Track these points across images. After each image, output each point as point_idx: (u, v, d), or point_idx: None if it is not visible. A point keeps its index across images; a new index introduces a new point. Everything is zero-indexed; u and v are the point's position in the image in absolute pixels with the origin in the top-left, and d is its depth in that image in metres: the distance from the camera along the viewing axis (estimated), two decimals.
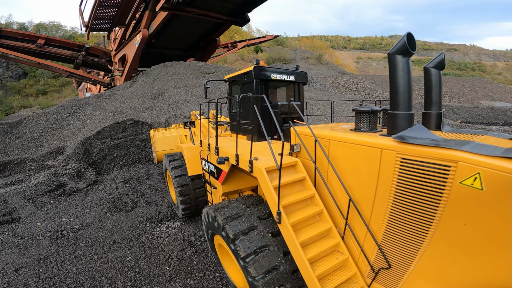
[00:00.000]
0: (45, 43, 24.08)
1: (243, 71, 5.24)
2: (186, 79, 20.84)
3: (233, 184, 4.95)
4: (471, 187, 2.16)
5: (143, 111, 15.75)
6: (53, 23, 68.29)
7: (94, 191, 9.31)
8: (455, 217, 2.31)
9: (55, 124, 14.41)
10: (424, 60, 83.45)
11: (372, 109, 3.28)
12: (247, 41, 39.99)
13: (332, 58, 70.66)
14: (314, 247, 3.21)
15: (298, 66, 5.71)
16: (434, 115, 3.07)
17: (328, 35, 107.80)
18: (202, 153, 5.71)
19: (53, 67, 25.95)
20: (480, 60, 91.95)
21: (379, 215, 2.91)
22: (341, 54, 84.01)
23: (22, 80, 51.53)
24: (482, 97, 21.23)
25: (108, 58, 27.57)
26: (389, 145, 2.73)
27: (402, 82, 2.76)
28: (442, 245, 2.45)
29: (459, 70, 77.63)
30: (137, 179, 10.31)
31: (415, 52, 2.68)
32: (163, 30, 22.56)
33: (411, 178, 2.56)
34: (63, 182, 9.62)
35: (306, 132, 3.70)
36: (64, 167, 10.72)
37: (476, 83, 24.75)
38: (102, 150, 12.09)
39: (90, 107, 16.69)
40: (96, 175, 10.80)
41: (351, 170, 3.17)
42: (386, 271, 2.96)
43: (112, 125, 13.11)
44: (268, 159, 3.70)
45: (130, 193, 8.99)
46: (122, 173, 10.98)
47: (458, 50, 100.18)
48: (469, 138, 2.59)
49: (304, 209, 3.46)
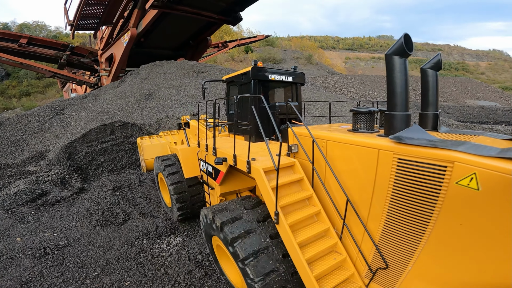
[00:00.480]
0: (28, 43, 23.23)
1: (241, 72, 5.25)
2: (177, 79, 20.15)
3: (231, 184, 4.93)
4: (468, 187, 2.20)
5: (132, 112, 15.01)
6: (37, 23, 66.55)
7: (80, 201, 8.42)
8: (452, 217, 2.35)
9: (37, 126, 13.52)
10: (409, 60, 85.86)
11: (370, 110, 3.31)
12: (238, 41, 39.59)
13: (321, 58, 71.34)
14: (312, 247, 3.22)
15: (296, 66, 5.74)
16: (431, 115, 3.11)
17: (317, 36, 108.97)
18: (200, 154, 5.70)
19: (36, 67, 25.09)
20: (463, 60, 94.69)
21: (377, 215, 2.94)
22: (330, 54, 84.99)
23: (5, 81, 49.95)
24: (467, 96, 21.81)
25: (94, 57, 26.79)
26: (386, 146, 2.76)
27: (399, 83, 2.79)
28: (439, 245, 2.48)
29: (443, 70, 79.97)
30: (128, 186, 9.50)
31: (412, 53, 2.71)
32: (152, 28, 22.09)
33: (408, 178, 2.59)
34: (46, 190, 8.71)
35: (303, 133, 3.71)
36: (46, 173, 9.80)
37: (461, 82, 25.42)
38: (88, 154, 11.29)
39: (75, 108, 15.85)
40: (82, 182, 9.91)
41: (348, 170, 3.20)
42: (383, 271, 2.99)
43: (99, 127, 12.43)
44: (266, 160, 3.71)
45: (121, 203, 8.10)
46: (111, 180, 10.08)
47: (442, 50, 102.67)
48: (465, 138, 2.64)
49: (302, 210, 3.47)
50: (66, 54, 24.79)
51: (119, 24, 23.39)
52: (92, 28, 25.49)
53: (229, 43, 37.64)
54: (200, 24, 24.71)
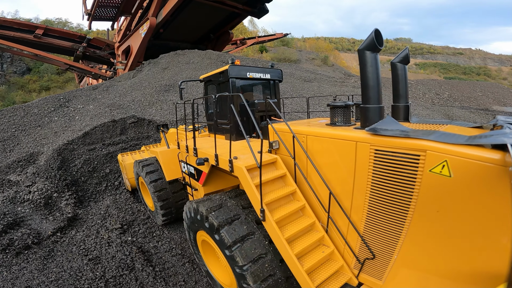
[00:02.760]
0: (44, 34, 22.53)
1: (218, 71, 5.21)
2: (203, 69, 17.63)
3: (215, 184, 4.92)
4: (440, 174, 2.25)
5: (149, 106, 12.41)
6: (60, 19, 66.21)
7: (66, 246, 5.37)
8: (429, 205, 2.39)
9: (33, 121, 11.14)
10: (429, 63, 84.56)
11: (346, 104, 3.34)
12: (256, 38, 38.28)
13: (337, 60, 70.13)
14: (300, 242, 3.25)
15: (273, 63, 5.73)
16: (402, 107, 3.20)
17: (332, 37, 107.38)
18: (180, 155, 5.62)
19: (51, 59, 24.38)
20: (485, 65, 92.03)
21: (359, 207, 2.98)
22: (345, 56, 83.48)
23: (26, 75, 50.06)
24: (493, 102, 20.94)
25: (111, 50, 25.86)
26: (363, 138, 2.80)
27: (371, 77, 2.83)
28: (419, 232, 2.53)
29: (464, 75, 77.29)
30: (145, 222, 6.30)
31: (382, 47, 2.75)
32: (172, 19, 21.03)
33: (385, 168, 2.63)
34: (21, 217, 5.92)
35: (284, 129, 3.72)
36: (28, 187, 7.02)
37: (487, 87, 24.35)
38: (88, 162, 8.37)
39: (83, 100, 13.35)
40: (76, 205, 6.93)
41: (329, 164, 3.23)
42: (371, 261, 3.04)
43: (106, 124, 9.83)
44: (247, 158, 3.71)
45: (137, 263, 4.90)
46: (118, 204, 7.05)
47: (464, 54, 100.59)
48: (435, 128, 2.70)
49: (287, 205, 3.49)
50: (83, 46, 24.19)
51: (138, 15, 22.41)
52: (110, 18, 24.57)
53: (248, 40, 36.32)
54: (222, 15, 23.49)
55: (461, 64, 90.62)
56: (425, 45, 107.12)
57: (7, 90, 46.12)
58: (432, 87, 22.05)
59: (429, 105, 16.70)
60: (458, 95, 21.11)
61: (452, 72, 78.73)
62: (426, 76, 65.50)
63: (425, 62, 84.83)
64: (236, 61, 4.96)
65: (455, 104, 18.80)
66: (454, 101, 19.95)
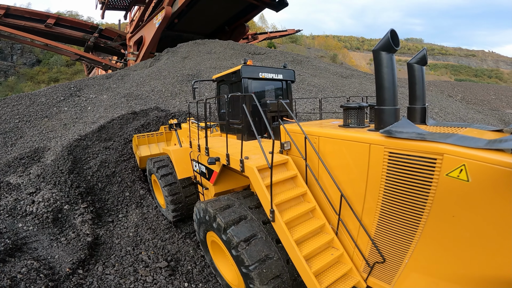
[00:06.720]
0: (55, 23, 22.13)
1: (231, 71, 5.24)
2: (227, 59, 16.57)
3: (225, 184, 4.94)
4: (458, 179, 2.20)
5: (172, 97, 11.08)
6: (70, 12, 68.58)
7: None
8: (444, 209, 2.35)
9: (40, 111, 9.85)
10: (439, 64, 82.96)
11: (360, 105, 3.31)
12: (268, 33, 37.75)
13: (345, 58, 69.80)
14: (309, 244, 3.23)
15: (286, 64, 5.71)
16: (419, 109, 3.12)
17: (341, 35, 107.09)
18: (193, 154, 5.67)
19: (61, 49, 23.84)
20: (497, 67, 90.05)
21: (371, 210, 2.94)
22: (354, 55, 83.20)
23: (36, 67, 51.54)
24: (507, 106, 20.42)
25: (123, 41, 25.35)
26: (377, 140, 2.76)
27: (387, 78, 2.79)
28: (434, 237, 2.48)
29: (475, 77, 75.54)
30: (194, 254, 4.80)
31: (399, 48, 2.71)
32: (188, 9, 20.49)
33: (400, 171, 2.59)
34: (21, 238, 4.26)
35: (296, 130, 3.71)
36: (31, 195, 5.46)
37: (501, 90, 23.55)
38: (105, 164, 6.93)
39: (95, 89, 12.17)
40: (95, 222, 5.36)
41: (341, 166, 3.19)
42: (381, 265, 3.00)
43: (125, 116, 8.69)
44: (259, 158, 3.71)
45: None
46: (148, 222, 5.58)
47: (476, 56, 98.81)
48: (453, 131, 2.63)
49: (297, 207, 3.48)
50: (94, 36, 23.72)
51: (152, 5, 21.82)
52: (124, 7, 24.02)
53: (259, 35, 35.70)
54: (239, 7, 22.70)
55: (473, 66, 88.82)
56: (437, 46, 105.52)
57: (16, 81, 47.16)
58: (445, 88, 21.60)
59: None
60: (471, 97, 20.59)
61: (463, 74, 77.19)
62: (436, 78, 64.45)
63: (435, 63, 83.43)
64: (248, 61, 4.96)
65: (469, 106, 18.28)
66: (467, 103, 19.49)
